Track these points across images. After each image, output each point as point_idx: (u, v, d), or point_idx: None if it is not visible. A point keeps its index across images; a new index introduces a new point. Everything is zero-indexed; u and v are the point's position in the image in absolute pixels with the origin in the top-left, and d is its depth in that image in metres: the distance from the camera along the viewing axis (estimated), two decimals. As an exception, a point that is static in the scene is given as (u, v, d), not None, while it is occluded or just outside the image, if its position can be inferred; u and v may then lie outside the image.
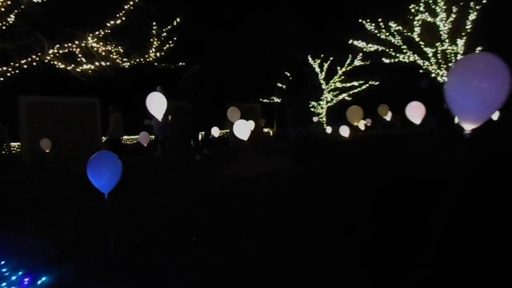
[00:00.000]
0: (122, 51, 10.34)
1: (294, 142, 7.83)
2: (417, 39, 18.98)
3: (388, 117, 14.22)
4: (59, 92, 12.45)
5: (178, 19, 11.70)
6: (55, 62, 9.76)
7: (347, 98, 28.50)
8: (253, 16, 25.71)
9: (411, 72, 20.09)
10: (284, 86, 27.70)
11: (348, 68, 27.78)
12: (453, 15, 18.46)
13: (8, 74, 9.96)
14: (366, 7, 19.51)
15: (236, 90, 24.32)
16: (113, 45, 10.00)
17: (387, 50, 19.85)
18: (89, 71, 9.88)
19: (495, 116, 17.13)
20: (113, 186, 3.48)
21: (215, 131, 13.88)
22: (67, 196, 5.86)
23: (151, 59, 11.45)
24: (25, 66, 9.86)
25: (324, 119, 28.84)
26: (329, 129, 10.84)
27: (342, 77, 28.36)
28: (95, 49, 9.96)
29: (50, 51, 9.72)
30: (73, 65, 9.76)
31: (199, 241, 3.51)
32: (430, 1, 18.66)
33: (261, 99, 26.41)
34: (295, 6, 26.28)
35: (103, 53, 10.13)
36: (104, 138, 14.31)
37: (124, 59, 10.61)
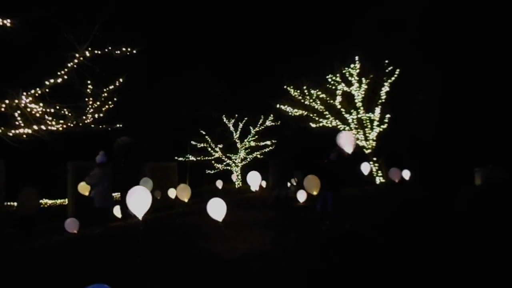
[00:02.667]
0: (62, 112, 9.14)
1: (275, 197, 9.51)
2: (338, 106, 20.43)
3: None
4: None
5: (121, 79, 10.86)
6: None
7: (259, 156, 29.65)
8: (168, 76, 25.80)
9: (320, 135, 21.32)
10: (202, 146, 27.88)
11: (260, 128, 28.86)
12: (365, 86, 20.40)
13: None
14: (291, 75, 20.67)
15: (152, 149, 23.51)
16: (54, 106, 8.80)
17: (311, 115, 20.95)
18: (24, 136, 8.46)
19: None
20: None
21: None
22: None
23: (89, 121, 10.32)
24: None
25: (239, 177, 29.05)
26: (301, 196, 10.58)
27: (256, 136, 29.23)
28: (28, 109, 8.63)
29: (-29, 111, 8.19)
30: (2, 128, 8.27)
31: None
32: (346, 74, 20.46)
33: (176, 157, 25.79)
34: (211, 67, 27.15)
35: (38, 115, 8.83)
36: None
37: (60, 121, 9.37)
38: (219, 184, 20.87)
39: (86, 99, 10.52)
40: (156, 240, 7.48)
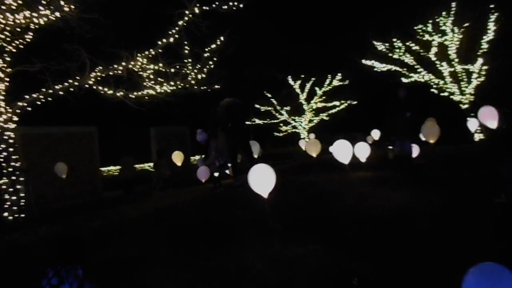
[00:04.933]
0: (182, 72, 9.07)
1: (397, 155, 9.23)
2: (433, 58, 18.80)
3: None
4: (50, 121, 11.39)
5: (222, 38, 10.47)
6: (99, 87, 8.32)
7: (325, 117, 28.41)
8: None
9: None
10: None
11: (328, 88, 27.54)
12: (460, 35, 18.44)
13: (39, 103, 8.43)
14: (377, 27, 19.24)
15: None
16: (174, 66, 8.73)
17: (399, 69, 19.53)
18: (145, 98, 8.51)
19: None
20: None
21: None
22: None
23: (193, 82, 10.17)
24: (61, 93, 8.38)
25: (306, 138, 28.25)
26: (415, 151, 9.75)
27: (323, 97, 27.97)
28: (144, 71, 8.62)
29: (93, 75, 8.29)
30: (123, 91, 8.34)
31: None
32: (441, 23, 18.63)
33: None
34: (277, 27, 25.78)
35: (151, 76, 8.80)
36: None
37: (171, 83, 9.31)
38: (302, 144, 20.02)
39: (186, 60, 10.34)
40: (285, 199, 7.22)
